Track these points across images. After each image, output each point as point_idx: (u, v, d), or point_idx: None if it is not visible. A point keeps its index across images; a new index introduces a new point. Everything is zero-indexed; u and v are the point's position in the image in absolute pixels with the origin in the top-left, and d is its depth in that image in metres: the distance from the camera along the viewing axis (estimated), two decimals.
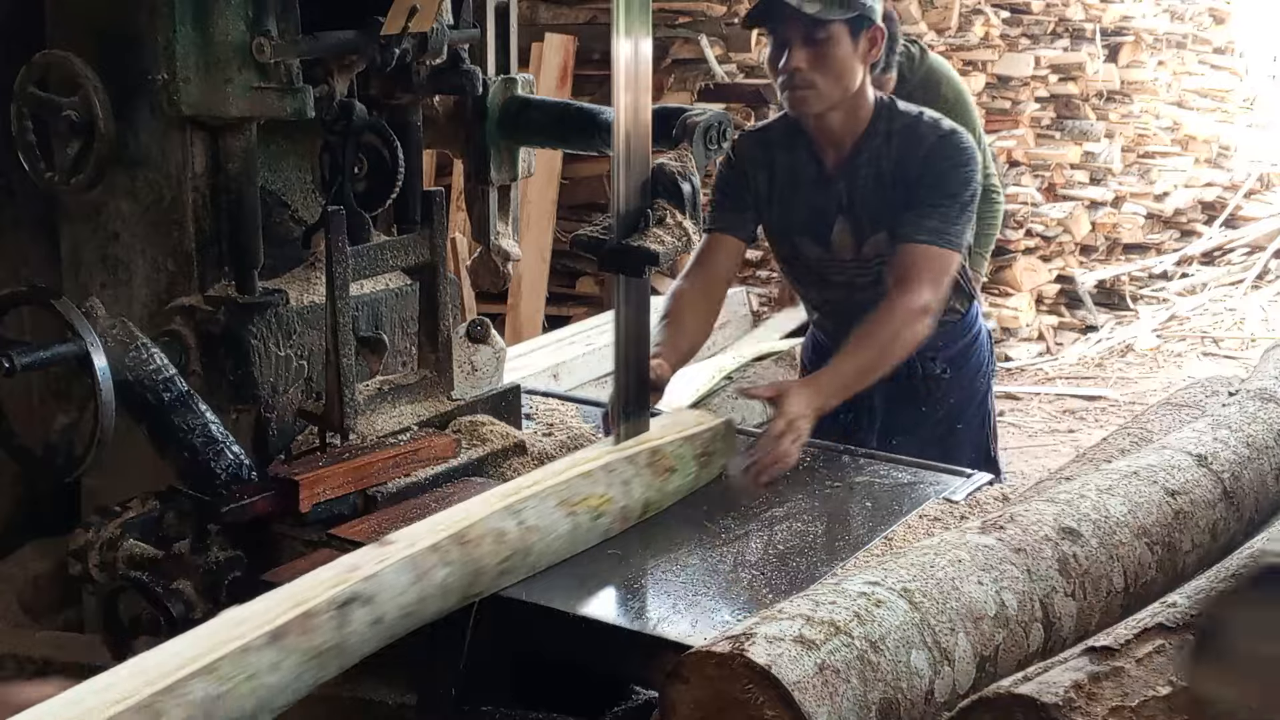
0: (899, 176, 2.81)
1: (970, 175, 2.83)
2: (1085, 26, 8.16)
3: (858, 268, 2.91)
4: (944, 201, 2.79)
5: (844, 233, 2.89)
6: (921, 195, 2.78)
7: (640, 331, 2.48)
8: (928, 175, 2.79)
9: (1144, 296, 8.26)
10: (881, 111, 2.86)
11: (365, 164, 2.51)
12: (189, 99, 2.30)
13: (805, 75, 2.74)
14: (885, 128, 2.84)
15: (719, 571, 2.22)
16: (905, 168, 2.81)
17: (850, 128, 2.85)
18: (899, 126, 2.84)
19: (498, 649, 2.11)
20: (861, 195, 2.85)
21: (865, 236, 2.87)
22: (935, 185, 2.78)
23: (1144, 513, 2.07)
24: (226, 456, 2.25)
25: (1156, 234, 8.84)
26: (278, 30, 2.29)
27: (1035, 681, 1.60)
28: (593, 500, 2.20)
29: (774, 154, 2.93)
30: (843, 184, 2.87)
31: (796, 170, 2.91)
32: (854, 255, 2.89)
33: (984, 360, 3.15)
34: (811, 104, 2.79)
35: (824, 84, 2.75)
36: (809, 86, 2.76)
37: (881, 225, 2.84)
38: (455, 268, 4.55)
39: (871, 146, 2.84)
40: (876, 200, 2.84)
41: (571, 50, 6.21)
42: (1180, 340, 7.52)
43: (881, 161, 2.84)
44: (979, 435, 3.14)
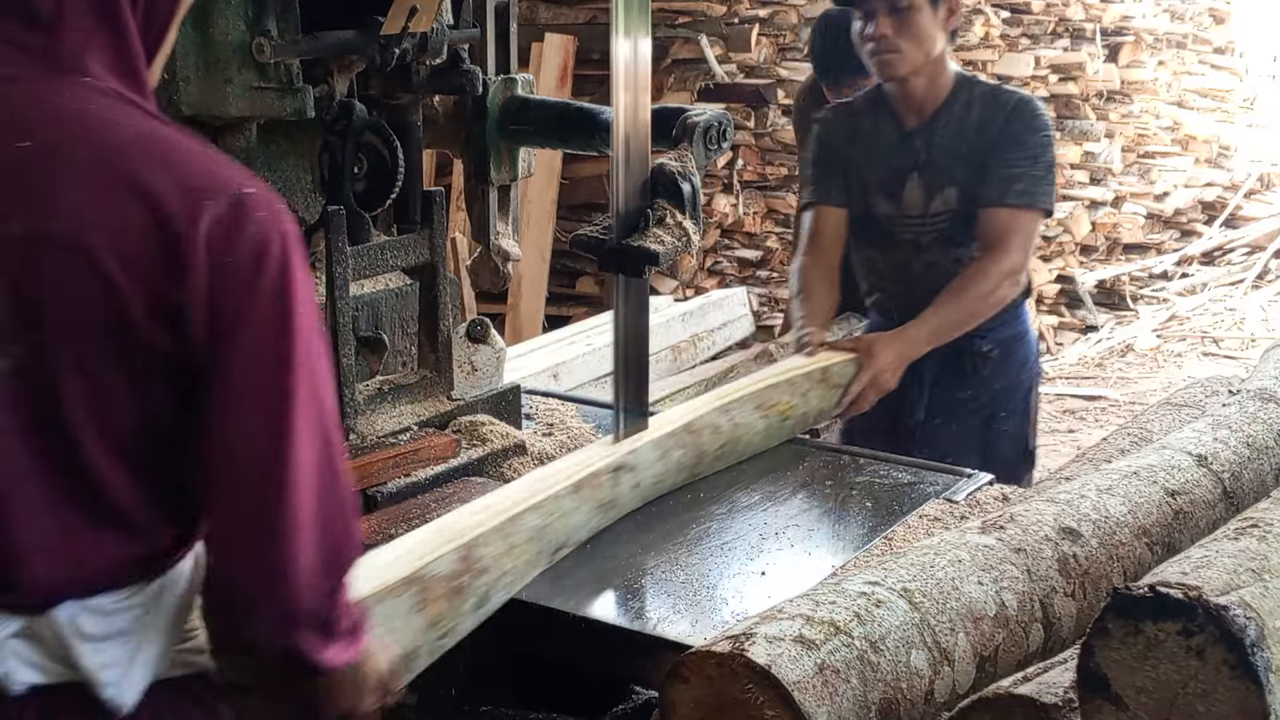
0: (979, 137, 3.05)
1: (1049, 139, 3.06)
2: (1085, 26, 8.16)
3: (923, 224, 3.12)
4: (1025, 163, 3.01)
5: (915, 189, 3.11)
6: (1004, 157, 3.01)
7: (640, 331, 2.48)
8: (1009, 137, 3.02)
9: (1144, 296, 8.26)
10: (963, 81, 3.14)
11: (365, 164, 2.50)
12: (189, 99, 2.30)
13: (890, 41, 3.02)
14: (967, 96, 3.11)
15: (718, 571, 2.22)
16: (986, 129, 3.05)
17: (933, 94, 3.10)
18: (980, 93, 3.11)
19: (498, 649, 2.11)
20: (938, 152, 3.09)
21: (935, 193, 3.09)
22: (1017, 146, 3.01)
23: (1144, 513, 2.07)
24: None
25: (1156, 234, 8.85)
26: (278, 30, 2.28)
27: (1035, 682, 1.60)
28: (781, 406, 2.71)
29: (858, 122, 3.21)
30: (920, 142, 3.11)
31: (877, 134, 3.17)
32: (922, 211, 3.12)
33: (1030, 356, 3.28)
34: (897, 67, 3.05)
35: (907, 48, 3.02)
36: (894, 51, 3.02)
37: (953, 182, 3.07)
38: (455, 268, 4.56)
39: (953, 111, 3.10)
40: (952, 157, 3.08)
41: (571, 50, 6.21)
42: (1180, 340, 7.52)
43: (962, 124, 3.08)
44: (1020, 428, 3.24)
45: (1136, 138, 8.72)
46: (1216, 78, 9.57)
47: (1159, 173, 8.81)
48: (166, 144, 1.37)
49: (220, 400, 1.35)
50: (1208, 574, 1.57)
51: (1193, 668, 1.44)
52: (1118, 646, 1.47)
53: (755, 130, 6.39)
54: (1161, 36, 8.92)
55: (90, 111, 1.35)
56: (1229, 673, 1.42)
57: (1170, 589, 1.46)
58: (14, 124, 1.34)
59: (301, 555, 1.38)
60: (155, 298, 1.31)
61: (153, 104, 1.43)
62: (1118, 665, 1.48)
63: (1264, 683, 1.42)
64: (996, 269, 2.97)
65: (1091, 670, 1.49)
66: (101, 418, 1.35)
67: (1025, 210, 2.99)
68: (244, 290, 1.33)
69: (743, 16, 6.36)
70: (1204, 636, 1.43)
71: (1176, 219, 9.02)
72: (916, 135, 3.11)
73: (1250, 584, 1.53)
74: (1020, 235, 3.00)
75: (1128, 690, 1.47)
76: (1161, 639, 1.45)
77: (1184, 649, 1.44)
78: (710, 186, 6.26)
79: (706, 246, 6.33)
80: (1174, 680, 1.45)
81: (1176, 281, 8.51)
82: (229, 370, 1.34)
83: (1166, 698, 1.45)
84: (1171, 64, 9.08)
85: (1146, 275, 8.45)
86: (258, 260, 1.33)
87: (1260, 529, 1.74)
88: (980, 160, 3.03)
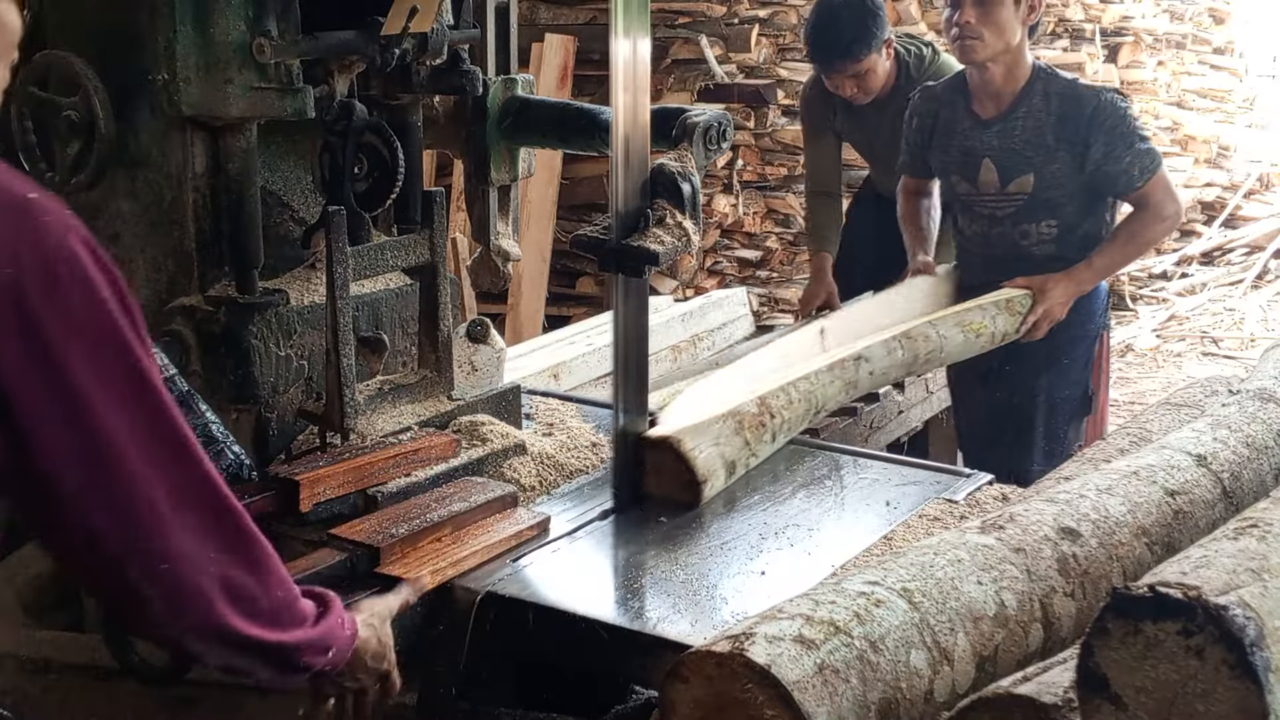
0: (1062, 135, 3.41)
1: (1132, 115, 3.47)
2: (1085, 26, 8.17)
3: (1000, 201, 3.52)
4: (1127, 150, 3.41)
5: (990, 171, 3.50)
6: (1110, 153, 3.40)
7: (640, 331, 2.48)
8: (1105, 134, 3.39)
9: (1144, 296, 8.26)
10: (1039, 74, 3.47)
11: (365, 164, 2.50)
12: (189, 99, 2.30)
13: (974, 28, 3.35)
14: (1044, 88, 3.45)
15: (718, 571, 2.22)
16: (1067, 125, 3.41)
17: (1010, 83, 3.45)
18: (1059, 88, 3.45)
19: (498, 649, 2.11)
20: (1015, 142, 3.46)
21: (1011, 177, 3.48)
22: (1117, 140, 3.39)
23: (1143, 513, 2.07)
24: (227, 456, 2.25)
25: None
26: (278, 30, 2.28)
27: (1034, 682, 1.60)
28: (976, 325, 3.41)
29: (938, 108, 3.64)
30: (996, 130, 3.48)
31: (954, 120, 3.58)
32: (998, 191, 3.51)
33: (1097, 309, 3.68)
34: (978, 52, 3.38)
35: (989, 36, 3.35)
36: (976, 37, 3.36)
37: (1030, 169, 3.45)
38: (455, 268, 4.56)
39: (1030, 102, 3.45)
40: (1030, 148, 3.44)
41: (571, 50, 6.21)
42: (1180, 340, 7.52)
43: (1041, 115, 3.43)
44: (1082, 374, 3.66)
45: None
46: (1216, 78, 9.57)
47: None
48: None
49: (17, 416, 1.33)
50: (1207, 574, 1.57)
51: (1192, 667, 1.44)
52: (1117, 646, 1.47)
53: (755, 130, 6.39)
54: (1161, 37, 8.93)
55: None
56: (1228, 672, 1.42)
57: (1170, 589, 1.46)
58: None
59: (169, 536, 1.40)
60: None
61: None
62: (1117, 665, 1.48)
63: (1264, 682, 1.42)
64: (1152, 217, 3.47)
65: (1091, 670, 1.49)
66: None
67: (1152, 179, 3.42)
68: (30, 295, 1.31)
69: (743, 17, 6.36)
70: (1203, 636, 1.43)
71: None
72: (993, 124, 3.47)
73: (1250, 584, 1.53)
74: (1160, 192, 3.45)
75: (1127, 690, 1.47)
76: (1161, 639, 1.45)
77: (1183, 649, 1.44)
78: (710, 186, 6.26)
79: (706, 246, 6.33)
80: (1173, 680, 1.45)
81: (1176, 281, 8.51)
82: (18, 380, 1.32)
83: (1166, 697, 1.45)
84: (1171, 64, 9.08)
85: (1146, 275, 8.45)
86: (45, 266, 1.31)
87: (1260, 529, 1.74)
88: (1062, 151, 3.40)
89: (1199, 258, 8.86)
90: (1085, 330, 3.64)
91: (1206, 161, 9.25)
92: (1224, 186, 9.33)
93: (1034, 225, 3.53)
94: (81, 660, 2.29)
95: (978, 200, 3.58)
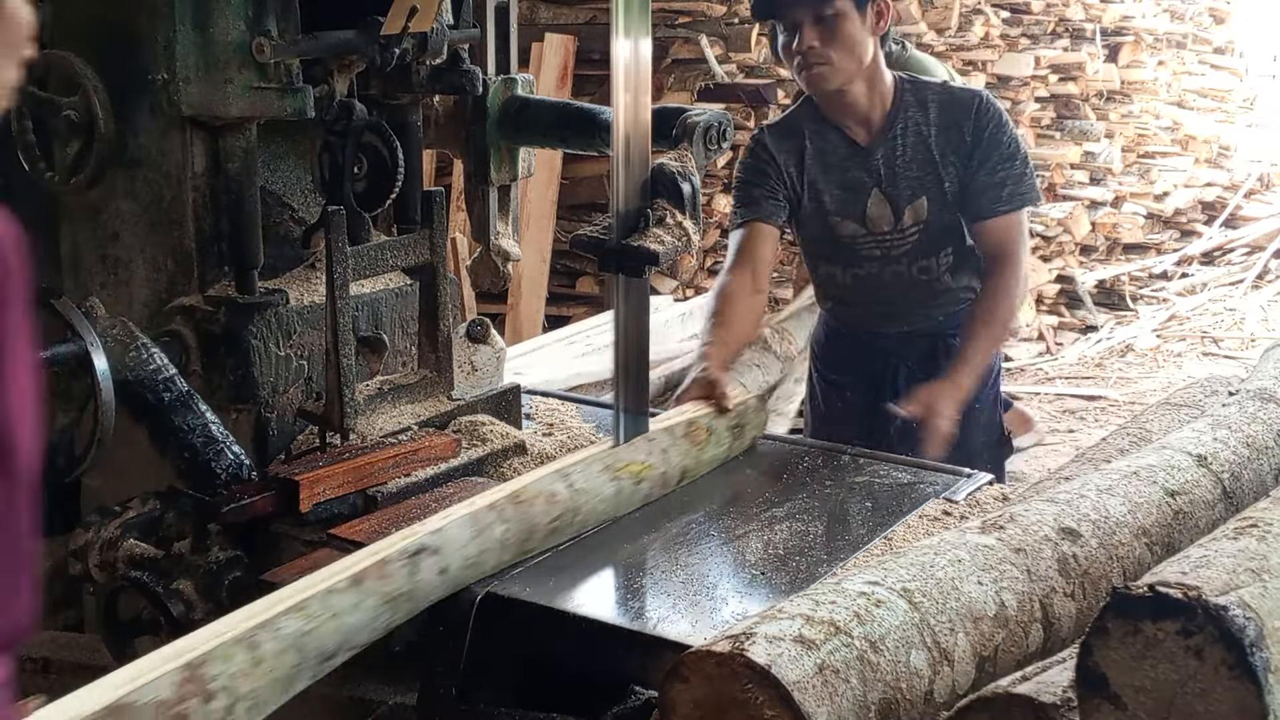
0: (943, 139, 2.95)
1: (1013, 129, 3.00)
2: (1085, 26, 8.17)
3: (895, 239, 3.02)
4: (1005, 165, 2.95)
5: (880, 204, 3.00)
6: (984, 164, 2.94)
7: (640, 331, 2.48)
8: (983, 141, 2.94)
9: (1144, 296, 8.26)
10: (905, 84, 3.00)
11: (365, 164, 2.51)
12: (189, 99, 2.30)
13: (819, 52, 2.86)
14: (915, 98, 2.98)
15: (718, 571, 2.22)
16: (951, 132, 2.95)
17: (877, 101, 2.97)
18: (933, 93, 3.00)
19: (498, 649, 2.11)
20: (901, 165, 2.98)
21: (903, 206, 2.99)
22: (993, 149, 2.94)
23: (1144, 513, 2.07)
24: (226, 456, 2.25)
25: (1156, 234, 8.85)
26: (278, 30, 2.29)
27: (1033, 681, 1.60)
28: (634, 467, 2.38)
29: (802, 141, 3.02)
30: (879, 156, 2.98)
31: (827, 152, 3.01)
32: (892, 227, 3.01)
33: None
34: (829, 80, 2.90)
35: (838, 59, 2.87)
36: (824, 63, 2.88)
37: (920, 193, 2.97)
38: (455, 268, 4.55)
39: (906, 116, 2.97)
40: (918, 168, 2.97)
41: (571, 50, 6.21)
42: (1180, 340, 7.52)
43: (921, 128, 2.97)
44: (992, 415, 3.20)
45: (1136, 138, 8.72)
46: (1216, 78, 9.57)
47: (1159, 173, 8.81)
48: None
49: None
50: (1207, 574, 1.58)
51: (1191, 667, 1.44)
52: (1117, 646, 1.47)
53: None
54: (1161, 36, 8.93)
55: None
56: (1228, 673, 1.42)
57: (1170, 589, 1.46)
58: None
59: None
60: None
61: None
62: (1117, 665, 1.48)
63: (1263, 683, 1.42)
64: (1014, 277, 2.95)
65: (1090, 669, 1.49)
66: None
67: (1018, 212, 2.98)
68: None
69: (743, 16, 6.36)
70: (1203, 636, 1.43)
71: (1176, 219, 9.02)
72: (873, 150, 2.98)
73: (1249, 584, 1.53)
74: (1020, 237, 3.00)
75: (1126, 689, 1.47)
76: (1160, 638, 1.45)
77: (1183, 649, 1.44)
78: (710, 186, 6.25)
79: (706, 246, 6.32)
80: (1173, 680, 1.45)
81: (1176, 281, 8.51)
82: None
83: (1165, 697, 1.45)
84: (1171, 64, 9.08)
85: (1146, 275, 8.45)
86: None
87: (1260, 529, 1.74)
88: (950, 164, 2.95)
89: (1199, 258, 8.86)
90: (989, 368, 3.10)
91: (1207, 161, 9.25)
92: (1224, 186, 9.33)
93: (934, 259, 3.03)
94: (81, 660, 2.29)
95: (867, 242, 3.02)
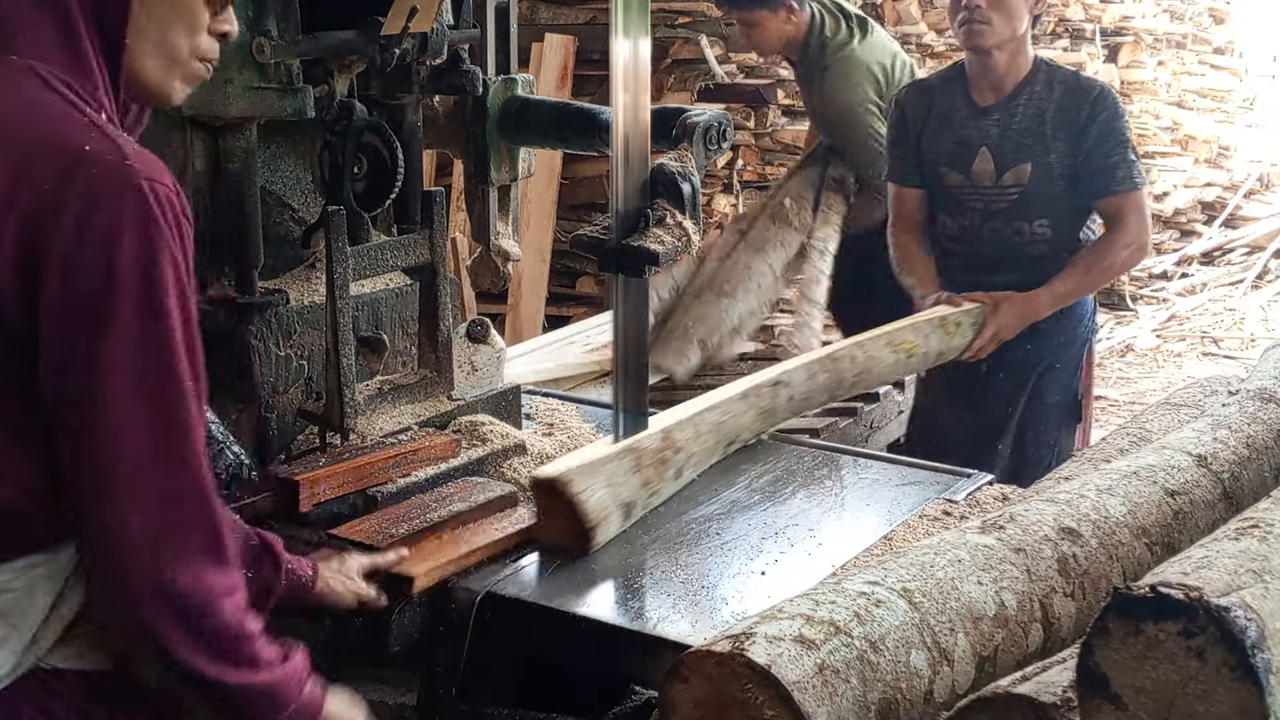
0: (1061, 119, 3.35)
1: (1128, 123, 3.42)
2: (1085, 26, 8.17)
3: (995, 193, 3.42)
4: (1120, 150, 3.35)
5: (985, 161, 3.41)
6: (1100, 148, 3.33)
7: (640, 331, 2.48)
8: (1101, 126, 3.33)
9: (1144, 296, 8.26)
10: (1042, 64, 3.43)
11: (365, 164, 2.50)
12: (189, 99, 2.29)
13: (984, 12, 3.29)
14: (1047, 77, 3.40)
15: (719, 571, 2.22)
16: (1069, 114, 3.34)
17: (1012, 72, 3.39)
18: (1061, 76, 3.41)
19: (498, 649, 2.11)
20: (1014, 131, 3.38)
21: (1006, 167, 3.38)
22: (1110, 135, 3.33)
23: (1143, 513, 2.07)
24: (226, 456, 2.25)
25: (1156, 234, 8.84)
26: (278, 30, 2.29)
27: (1033, 681, 1.59)
28: (907, 345, 3.19)
29: (932, 98, 3.54)
30: (996, 119, 3.41)
31: (950, 111, 3.49)
32: (993, 183, 3.41)
33: (1086, 314, 3.58)
34: (986, 38, 3.32)
35: (998, 20, 3.30)
36: (985, 22, 3.30)
37: (1027, 158, 3.37)
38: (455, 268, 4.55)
39: (1033, 89, 3.39)
40: (1029, 136, 3.37)
41: (571, 50, 6.21)
42: (1180, 340, 7.52)
43: (1042, 103, 3.37)
44: (1072, 379, 3.56)
45: (1136, 138, 8.69)
46: (1216, 78, 9.57)
47: (1159, 173, 8.81)
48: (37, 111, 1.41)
49: (41, 360, 1.37)
50: (1209, 574, 1.57)
51: (1193, 668, 1.44)
52: (1118, 646, 1.47)
53: (755, 130, 6.38)
54: (1161, 36, 8.93)
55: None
56: (1229, 674, 1.42)
57: (1171, 589, 1.45)
58: None
59: (125, 520, 1.38)
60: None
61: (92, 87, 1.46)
62: (1117, 665, 1.48)
63: (1264, 684, 1.41)
64: (1120, 243, 3.36)
65: (1091, 669, 1.49)
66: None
67: (1132, 192, 3.35)
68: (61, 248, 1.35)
69: None
70: (1205, 637, 1.43)
71: (1176, 219, 9.02)
72: (992, 112, 3.40)
73: (1251, 585, 1.53)
74: (1133, 213, 3.36)
75: (1127, 690, 1.47)
76: (1162, 639, 1.45)
77: (1184, 649, 1.44)
78: (710, 186, 6.25)
79: None
80: (1174, 680, 1.44)
81: (1176, 281, 8.51)
82: (45, 327, 1.37)
83: (1166, 698, 1.45)
84: (1171, 64, 9.08)
85: (1146, 275, 8.45)
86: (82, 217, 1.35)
87: (1261, 529, 1.73)
88: (1060, 140, 3.33)
89: (1199, 258, 8.86)
90: (1076, 334, 3.54)
91: (1206, 161, 9.25)
92: (1224, 186, 9.33)
93: (1028, 224, 3.41)
94: None
95: (971, 193, 3.46)
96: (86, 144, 1.39)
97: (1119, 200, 3.35)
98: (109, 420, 1.37)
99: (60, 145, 1.38)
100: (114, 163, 1.38)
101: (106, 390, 1.36)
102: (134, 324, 1.36)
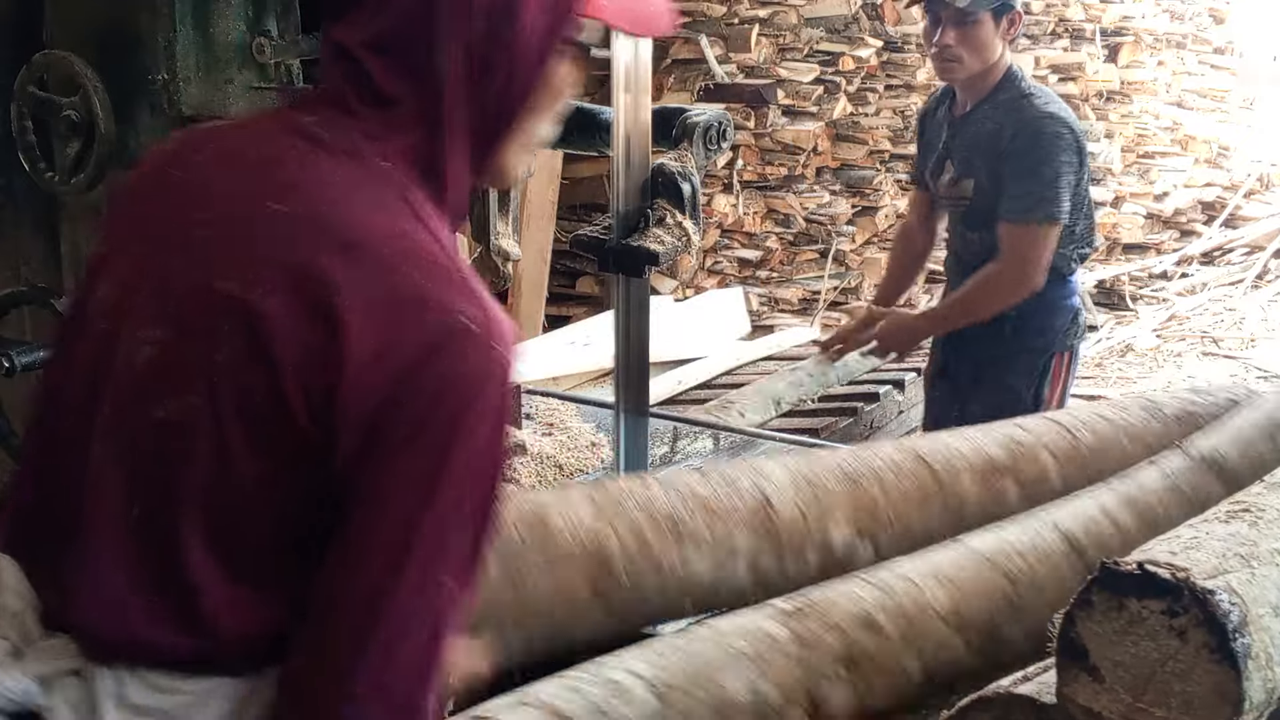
0: (991, 142, 3.28)
1: (1054, 153, 3.21)
2: (1085, 26, 8.17)
3: (951, 203, 3.45)
4: (1027, 181, 3.21)
5: (949, 171, 3.42)
6: (1011, 172, 3.23)
7: (640, 331, 2.48)
8: (1015, 151, 3.23)
9: (1144, 296, 8.26)
10: (1008, 79, 3.34)
11: None
12: (189, 99, 2.30)
13: (954, 50, 3.26)
14: (1006, 96, 3.32)
15: None
16: (998, 137, 3.27)
17: (979, 88, 3.34)
18: (1015, 98, 3.30)
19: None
20: (964, 145, 3.37)
21: (961, 179, 3.38)
22: (1019, 161, 3.22)
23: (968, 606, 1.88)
24: None
25: (1156, 234, 8.85)
26: (278, 30, 2.29)
27: (1035, 682, 1.60)
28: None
29: (935, 105, 3.60)
30: (958, 129, 3.40)
31: (938, 118, 3.52)
32: (948, 193, 3.43)
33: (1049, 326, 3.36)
34: (956, 74, 3.32)
35: (968, 58, 3.27)
36: (956, 60, 3.28)
37: (969, 174, 3.34)
38: None
39: (983, 110, 3.34)
40: (972, 153, 3.34)
41: None
42: (1180, 340, 7.52)
43: (988, 123, 3.31)
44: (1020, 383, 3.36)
45: (1136, 138, 8.72)
46: (1216, 78, 9.57)
47: (1158, 173, 8.81)
48: (401, 247, 1.27)
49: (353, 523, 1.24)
50: (1197, 555, 1.55)
51: (1173, 647, 1.44)
52: (1100, 619, 1.47)
53: (755, 130, 6.39)
54: (1161, 36, 8.92)
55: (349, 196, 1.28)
56: (1209, 656, 1.42)
57: (1159, 568, 1.46)
58: (283, 186, 1.27)
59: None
60: (316, 392, 1.22)
61: (447, 206, 1.33)
62: (1098, 638, 1.48)
63: (1242, 668, 1.42)
64: (999, 278, 3.24)
65: (1072, 640, 1.49)
66: (212, 495, 1.26)
67: (1024, 225, 3.20)
68: (406, 423, 1.23)
69: (743, 16, 6.36)
70: (1188, 618, 1.43)
71: (1176, 219, 9.02)
72: (958, 123, 3.41)
73: (1238, 569, 1.52)
74: (1021, 248, 3.20)
75: (1105, 663, 1.47)
76: (1144, 616, 1.45)
77: (1166, 628, 1.44)
78: (710, 186, 6.26)
79: (706, 246, 6.32)
80: (1153, 658, 1.45)
81: (1176, 281, 8.51)
82: (369, 492, 1.24)
83: (1144, 674, 1.45)
84: (1171, 64, 9.08)
85: (1146, 275, 8.45)
86: (434, 399, 1.23)
87: (1252, 514, 1.71)
88: (991, 159, 3.27)
89: (1199, 258, 8.86)
90: (1032, 344, 3.35)
91: (1206, 161, 9.25)
92: (1224, 186, 9.32)
93: (976, 234, 3.35)
94: None
95: (944, 200, 3.48)
96: (458, 310, 1.26)
97: (1006, 229, 3.23)
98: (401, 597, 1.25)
99: (430, 304, 1.24)
100: (481, 342, 1.26)
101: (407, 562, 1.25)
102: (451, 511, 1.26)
